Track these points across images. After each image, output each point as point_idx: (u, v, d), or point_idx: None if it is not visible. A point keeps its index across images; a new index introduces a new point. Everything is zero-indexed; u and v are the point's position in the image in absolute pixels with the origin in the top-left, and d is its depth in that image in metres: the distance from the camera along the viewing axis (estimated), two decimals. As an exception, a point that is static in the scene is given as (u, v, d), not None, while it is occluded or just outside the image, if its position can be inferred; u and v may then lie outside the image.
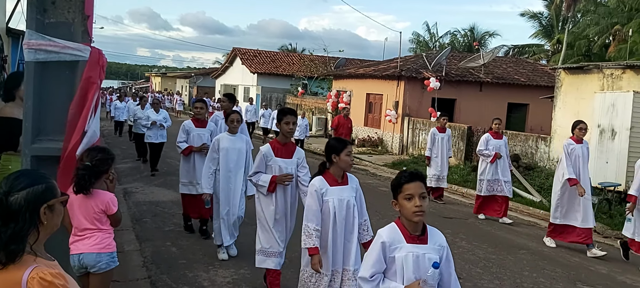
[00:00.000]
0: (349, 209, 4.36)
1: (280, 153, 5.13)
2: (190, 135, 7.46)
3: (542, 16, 33.73)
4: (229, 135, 6.32)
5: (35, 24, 3.75)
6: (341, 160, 4.22)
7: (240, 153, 6.34)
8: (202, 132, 7.52)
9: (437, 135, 11.39)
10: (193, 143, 7.44)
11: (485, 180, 9.97)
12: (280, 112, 5.16)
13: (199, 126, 7.55)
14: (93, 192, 3.72)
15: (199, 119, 7.61)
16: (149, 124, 12.25)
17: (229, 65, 38.42)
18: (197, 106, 7.76)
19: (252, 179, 5.18)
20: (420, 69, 19.78)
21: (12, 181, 1.99)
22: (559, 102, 13.89)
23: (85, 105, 3.82)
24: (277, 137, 5.23)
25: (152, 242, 7.14)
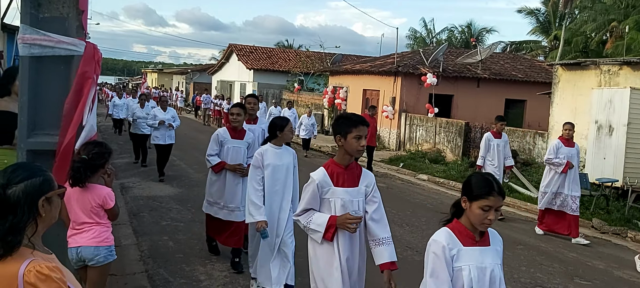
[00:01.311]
0: None
1: (342, 180, 3.48)
2: (224, 147, 6.11)
3: (539, 12, 33.75)
4: (275, 148, 5.10)
5: (30, 19, 3.74)
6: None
7: (288, 172, 5.18)
8: (239, 145, 6.16)
9: (492, 140, 9.84)
10: (227, 157, 6.08)
11: (549, 192, 8.88)
12: (345, 121, 3.44)
13: (235, 137, 6.15)
14: (90, 186, 3.71)
15: (236, 127, 6.21)
16: (157, 124, 11.02)
17: (225, 62, 38.35)
18: (234, 112, 6.12)
19: (300, 220, 3.54)
20: (417, 65, 19.77)
21: (10, 174, 1.98)
22: (556, 98, 13.90)
23: (81, 100, 3.81)
24: (334, 158, 3.57)
25: (149, 236, 7.13)
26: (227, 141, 6.12)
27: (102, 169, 3.76)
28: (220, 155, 6.12)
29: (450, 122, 16.92)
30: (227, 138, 6.13)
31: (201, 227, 7.70)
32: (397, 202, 10.39)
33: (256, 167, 5.03)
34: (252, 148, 6.14)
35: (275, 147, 5.10)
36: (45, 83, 3.82)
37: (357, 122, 3.40)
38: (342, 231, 3.44)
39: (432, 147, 17.33)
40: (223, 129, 6.27)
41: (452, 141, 16.46)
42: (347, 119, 3.46)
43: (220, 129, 6.41)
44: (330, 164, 3.52)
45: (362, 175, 3.57)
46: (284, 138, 5.11)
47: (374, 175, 3.70)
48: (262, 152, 5.07)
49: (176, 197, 9.58)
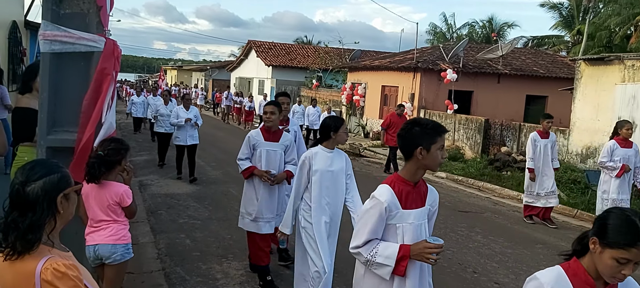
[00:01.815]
0: None
1: (411, 200, 2.87)
2: (257, 151, 5.48)
3: (563, 6, 33.21)
4: (326, 151, 4.52)
5: (51, 15, 3.76)
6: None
7: (339, 179, 4.54)
8: (274, 148, 5.50)
9: (539, 141, 9.14)
10: (260, 162, 5.45)
11: (610, 199, 8.20)
12: (430, 130, 2.81)
13: (269, 139, 5.50)
14: (107, 183, 3.72)
15: (270, 128, 5.51)
16: (182, 122, 10.55)
17: (244, 58, 38.45)
18: (267, 111, 5.42)
19: (361, 253, 2.85)
20: (437, 60, 19.59)
21: (28, 171, 1.99)
22: (578, 94, 13.66)
23: (100, 96, 3.82)
24: (400, 173, 2.91)
25: (167, 234, 7.17)
26: (259, 144, 5.46)
27: (119, 166, 3.78)
28: (253, 159, 5.50)
29: (469, 118, 16.75)
30: (260, 140, 5.46)
31: (219, 224, 7.74)
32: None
33: (302, 173, 4.52)
34: (291, 152, 5.60)
35: (327, 150, 4.53)
36: (65, 80, 3.84)
37: (441, 129, 2.84)
38: (412, 262, 2.82)
39: (451, 144, 17.17)
40: (256, 131, 5.57)
41: (472, 138, 16.29)
42: (430, 128, 2.81)
43: (253, 130, 5.65)
44: (397, 181, 2.86)
45: (429, 193, 3.01)
46: (337, 140, 4.54)
47: (437, 193, 3.13)
48: (310, 155, 4.51)
49: (193, 195, 9.62)
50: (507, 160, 13.56)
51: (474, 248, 7.44)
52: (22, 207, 1.95)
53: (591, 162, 12.72)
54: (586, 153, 13.05)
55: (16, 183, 1.97)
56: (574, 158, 13.35)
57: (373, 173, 13.75)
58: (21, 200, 1.95)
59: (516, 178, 12.41)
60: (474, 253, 7.21)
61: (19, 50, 14.18)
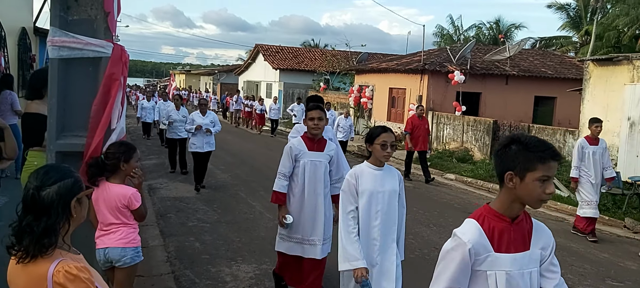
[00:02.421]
0: None
1: (507, 241, 2.26)
2: (300, 163, 4.82)
3: (570, 7, 33.05)
4: (373, 169, 3.82)
5: (59, 21, 3.79)
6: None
7: (391, 202, 3.84)
8: (319, 159, 4.85)
9: (587, 147, 8.40)
10: (304, 176, 4.82)
11: (584, 201, 8.32)
12: (530, 152, 2.19)
13: (313, 148, 4.84)
14: (115, 186, 3.75)
15: (315, 136, 4.84)
16: (193, 129, 10.03)
17: (252, 62, 38.56)
18: (314, 116, 4.75)
19: None
20: (444, 62, 19.55)
21: (43, 176, 2.02)
22: (587, 94, 13.57)
23: (109, 101, 3.85)
24: (491, 205, 2.34)
25: (176, 237, 7.19)
26: (303, 154, 4.80)
27: (121, 168, 3.77)
28: (295, 173, 4.85)
29: (478, 120, 16.69)
30: (303, 151, 4.80)
31: (228, 227, 7.76)
32: (424, 202, 10.29)
33: (348, 196, 3.80)
34: (338, 168, 4.98)
35: (375, 168, 3.83)
36: (74, 85, 3.87)
37: (546, 154, 2.15)
38: None
39: (459, 145, 17.11)
40: (297, 140, 4.88)
41: (480, 140, 16.23)
42: (531, 149, 2.17)
43: (293, 139, 4.97)
44: (487, 215, 2.28)
45: (534, 231, 2.33)
46: (375, 154, 3.81)
47: (550, 231, 2.43)
48: (356, 174, 3.81)
49: (202, 198, 9.65)
50: (516, 161, 13.49)
51: (483, 250, 7.39)
52: (36, 211, 1.97)
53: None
54: (596, 154, 12.95)
55: (31, 188, 2.00)
56: (583, 159, 13.24)
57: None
58: (36, 205, 1.97)
59: (525, 180, 12.33)
60: (483, 255, 7.17)
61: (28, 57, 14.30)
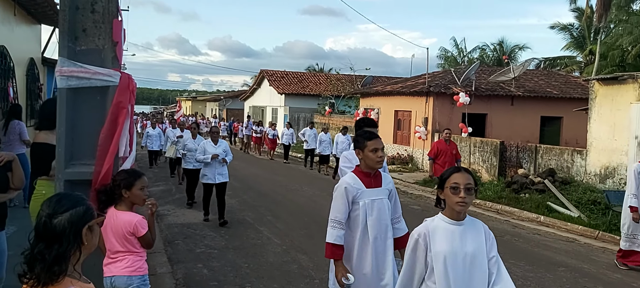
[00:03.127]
0: None
1: None
2: (359, 204, 3.89)
3: (573, 27, 33.13)
4: (449, 222, 2.95)
5: (67, 52, 3.83)
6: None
7: (477, 267, 2.94)
8: (380, 196, 3.97)
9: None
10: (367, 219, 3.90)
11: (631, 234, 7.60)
12: None
13: (371, 184, 3.96)
14: (121, 213, 3.75)
15: (371, 170, 3.96)
16: (209, 158, 9.36)
17: (257, 87, 38.80)
18: (377, 147, 3.90)
19: None
20: (449, 84, 19.59)
21: (55, 204, 2.03)
22: (593, 113, 13.54)
23: (117, 129, 3.87)
24: None
25: (184, 264, 7.16)
26: (362, 194, 3.89)
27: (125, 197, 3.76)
28: (353, 218, 3.92)
29: (484, 141, 16.64)
30: (361, 189, 3.90)
31: (235, 253, 7.72)
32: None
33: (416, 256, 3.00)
34: (396, 204, 4.14)
35: (451, 221, 2.96)
36: (82, 114, 3.90)
37: None
38: None
39: (466, 167, 17.05)
40: (350, 177, 3.95)
41: (488, 161, 16.16)
42: None
43: (345, 177, 4.00)
44: None
45: None
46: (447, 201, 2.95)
47: None
48: (426, 231, 2.96)
49: (210, 224, 9.62)
50: (525, 182, 13.42)
51: (493, 273, 7.31)
52: (48, 238, 1.97)
53: (610, 182, 12.54)
54: (605, 174, 12.87)
55: (43, 216, 2.01)
56: (592, 178, 13.17)
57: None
58: (48, 232, 1.98)
59: (535, 201, 12.26)
60: (493, 278, 7.08)
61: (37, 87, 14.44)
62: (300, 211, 11.12)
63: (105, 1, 3.92)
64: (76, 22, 3.87)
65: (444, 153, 12.12)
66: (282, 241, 8.51)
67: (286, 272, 6.96)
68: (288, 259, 7.53)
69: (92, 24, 3.91)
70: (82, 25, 3.89)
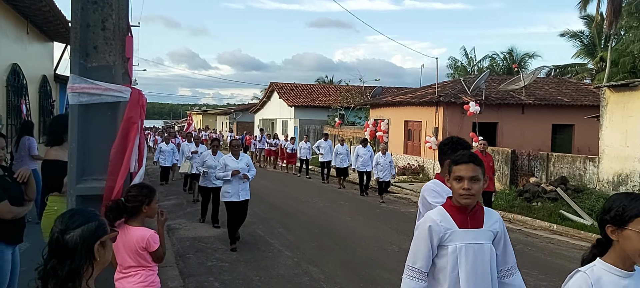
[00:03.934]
0: None
1: None
2: (448, 249, 2.92)
3: (583, 35, 32.99)
4: (618, 273, 2.24)
5: (79, 69, 3.88)
6: None
7: None
8: (479, 241, 2.95)
9: None
10: (457, 274, 2.91)
11: None
12: None
13: (467, 224, 2.95)
14: (133, 228, 3.76)
15: (469, 205, 2.94)
16: (229, 175, 8.60)
17: (267, 100, 38.96)
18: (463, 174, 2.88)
19: None
20: (459, 93, 19.56)
21: (67, 219, 2.04)
22: (605, 121, 13.45)
23: (128, 145, 3.91)
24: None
25: (196, 277, 7.17)
26: (453, 235, 2.90)
27: (142, 212, 3.79)
28: (439, 267, 2.96)
29: (495, 150, 16.56)
30: (451, 229, 2.91)
31: (246, 266, 7.73)
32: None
33: None
34: (503, 244, 3.04)
35: (619, 271, 2.24)
36: (93, 130, 3.94)
37: None
38: None
39: (477, 176, 16.96)
40: (438, 211, 2.97)
41: (499, 170, 16.08)
42: None
43: (431, 212, 3.01)
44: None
45: None
46: (627, 246, 2.20)
47: None
48: (589, 285, 2.25)
49: (221, 237, 9.64)
50: (537, 190, 13.33)
51: (506, 283, 7.25)
52: (61, 254, 1.98)
53: (623, 189, 12.42)
54: (618, 181, 12.76)
55: (56, 232, 2.02)
56: (605, 186, 13.06)
57: (400, 209, 13.62)
58: (60, 248, 1.99)
59: (547, 209, 12.17)
60: None
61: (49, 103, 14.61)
62: (311, 223, 11.11)
63: (115, 18, 3.98)
64: (87, 39, 3.93)
65: None
66: (293, 253, 8.51)
67: (297, 284, 6.96)
68: (299, 271, 7.53)
69: (103, 41, 3.97)
70: (93, 42, 3.95)
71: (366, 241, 9.53)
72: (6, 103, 10.44)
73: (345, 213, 12.58)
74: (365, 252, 8.80)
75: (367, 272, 7.59)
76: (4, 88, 10.35)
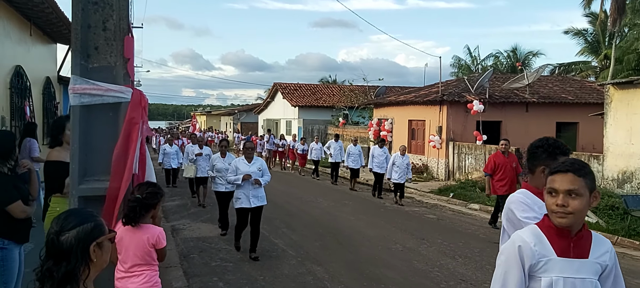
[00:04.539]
0: None
1: None
2: (541, 282, 2.33)
3: (587, 33, 32.86)
4: None
5: (80, 69, 3.88)
6: None
7: None
8: (582, 274, 2.35)
9: None
10: None
11: None
12: None
13: (569, 252, 2.35)
14: (143, 226, 3.79)
15: (571, 226, 2.33)
16: (240, 180, 7.99)
17: (271, 100, 38.99)
18: (559, 187, 2.30)
19: None
20: (463, 92, 19.52)
21: (63, 221, 2.02)
22: (609, 118, 13.39)
23: (131, 146, 3.91)
24: None
25: (200, 277, 7.17)
26: (550, 265, 2.35)
27: (154, 210, 3.84)
28: None
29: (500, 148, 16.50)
30: (548, 256, 2.35)
31: (251, 266, 7.73)
32: (448, 233, 10.13)
33: None
34: (613, 280, 2.50)
35: None
36: (95, 130, 3.94)
37: None
38: None
39: (482, 175, 16.91)
40: (530, 231, 2.40)
41: (503, 168, 16.02)
42: None
43: (521, 232, 2.44)
44: None
45: None
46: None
47: None
48: None
49: (225, 238, 9.64)
50: (541, 189, 13.28)
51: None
52: (56, 256, 1.97)
53: (628, 187, 12.37)
54: (622, 178, 12.70)
55: (51, 233, 2.00)
56: (610, 183, 13.00)
57: (404, 209, 13.60)
58: (56, 250, 1.97)
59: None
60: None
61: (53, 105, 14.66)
62: (315, 223, 11.10)
63: (116, 19, 3.98)
64: (88, 40, 3.93)
65: (502, 167, 10.66)
66: (297, 253, 8.50)
67: (301, 283, 6.95)
68: (303, 271, 7.52)
69: (104, 41, 3.97)
70: (94, 43, 3.95)
71: (370, 240, 9.52)
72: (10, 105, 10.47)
73: (350, 212, 12.57)
74: (369, 251, 8.78)
75: (371, 271, 7.58)
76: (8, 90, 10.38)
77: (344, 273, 7.42)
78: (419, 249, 8.86)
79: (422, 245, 9.13)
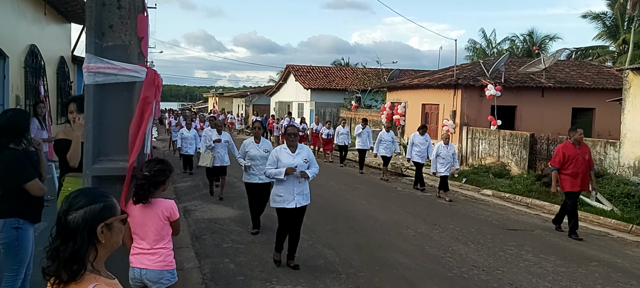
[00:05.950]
0: None
1: None
2: None
3: (606, 16, 32.30)
4: None
5: (94, 48, 3.86)
6: None
7: None
8: None
9: None
10: None
11: None
12: None
13: None
14: (154, 201, 3.79)
15: None
16: (282, 175, 6.62)
17: (283, 83, 38.90)
18: None
19: None
20: (478, 76, 19.30)
21: (72, 200, 2.01)
22: (628, 104, 13.17)
23: (142, 124, 3.89)
24: None
25: (211, 259, 7.20)
26: None
27: (163, 186, 3.84)
28: None
29: (514, 134, 16.35)
30: None
31: (262, 248, 7.74)
32: (461, 219, 10.07)
33: None
34: None
35: None
36: (109, 110, 3.92)
37: None
38: None
39: (495, 160, 16.78)
40: None
41: (517, 154, 15.88)
42: None
43: None
44: None
45: None
46: None
47: None
48: None
49: (237, 219, 9.67)
50: (555, 175, 13.13)
51: (524, 268, 7.17)
52: (64, 235, 1.95)
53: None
54: (639, 166, 12.52)
55: (60, 212, 1.99)
56: (626, 171, 12.83)
57: (416, 193, 13.54)
58: (63, 229, 1.95)
59: (565, 194, 11.98)
60: (524, 273, 6.95)
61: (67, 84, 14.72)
62: (327, 206, 11.09)
63: (130, -3, 3.94)
64: (103, 18, 3.90)
65: (573, 160, 9.18)
66: (309, 236, 8.50)
67: (312, 266, 6.95)
68: (314, 254, 7.52)
69: (119, 19, 3.93)
70: (108, 21, 3.92)
71: (382, 225, 9.49)
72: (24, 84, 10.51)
73: (361, 196, 12.54)
74: (380, 235, 8.76)
75: (382, 255, 7.56)
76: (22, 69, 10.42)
77: (355, 257, 7.40)
78: (431, 234, 8.82)
79: (434, 231, 9.09)
